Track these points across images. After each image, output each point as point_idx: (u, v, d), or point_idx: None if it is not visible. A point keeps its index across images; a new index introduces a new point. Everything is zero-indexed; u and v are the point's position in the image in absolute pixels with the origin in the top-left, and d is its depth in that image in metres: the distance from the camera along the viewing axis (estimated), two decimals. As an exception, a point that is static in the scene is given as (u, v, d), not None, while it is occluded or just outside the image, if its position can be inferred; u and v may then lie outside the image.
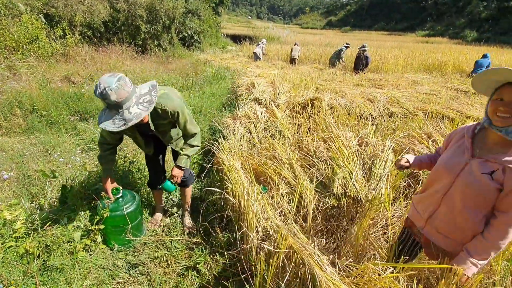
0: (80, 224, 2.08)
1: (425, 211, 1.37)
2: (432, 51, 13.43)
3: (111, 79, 1.47)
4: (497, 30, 34.05)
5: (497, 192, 1.12)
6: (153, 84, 1.67)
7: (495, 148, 1.15)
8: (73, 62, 7.42)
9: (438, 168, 1.32)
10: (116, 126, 1.52)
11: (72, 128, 4.17)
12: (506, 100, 1.08)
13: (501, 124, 1.10)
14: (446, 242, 1.29)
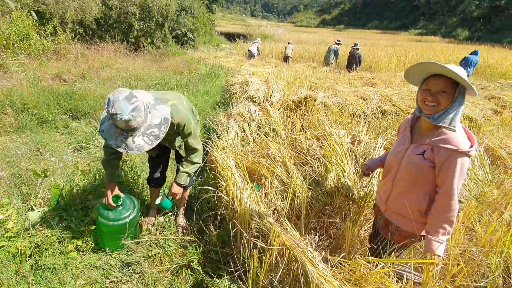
0: (72, 224, 2.06)
1: (383, 195, 1.55)
2: (424, 50, 13.58)
3: (126, 106, 1.37)
4: (488, 29, 34.57)
5: (432, 170, 1.28)
6: (166, 117, 1.56)
7: (427, 133, 1.33)
8: (65, 60, 7.31)
9: (389, 157, 1.52)
10: (116, 144, 1.48)
11: (63, 126, 4.12)
12: (433, 90, 1.23)
13: (429, 112, 1.25)
14: (402, 221, 1.45)
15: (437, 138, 1.25)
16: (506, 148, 3.09)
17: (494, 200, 2.29)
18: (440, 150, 1.24)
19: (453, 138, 1.22)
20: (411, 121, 1.45)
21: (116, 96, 1.40)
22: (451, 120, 1.21)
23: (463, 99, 1.23)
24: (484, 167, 2.71)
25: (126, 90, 1.44)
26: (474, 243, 1.86)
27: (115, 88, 5.41)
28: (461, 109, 1.23)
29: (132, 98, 1.41)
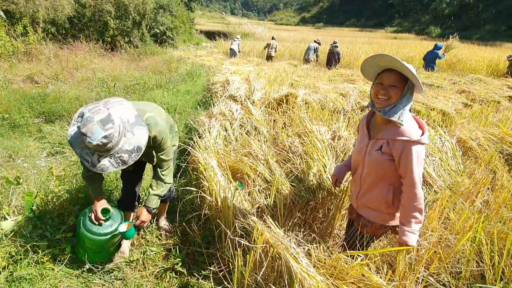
0: (47, 232, 1.97)
1: (354, 192, 1.60)
2: (400, 47, 14.05)
3: (98, 131, 1.26)
4: (459, 26, 36.25)
5: (391, 162, 1.34)
6: (139, 146, 1.43)
7: (381, 127, 1.38)
8: (36, 61, 6.96)
9: (354, 155, 1.58)
10: (80, 154, 1.38)
11: (37, 131, 3.93)
12: (386, 84, 1.29)
13: (380, 105, 1.30)
14: (372, 214, 1.51)
15: (390, 131, 1.32)
16: (476, 140, 3.25)
17: (466, 189, 2.41)
18: (395, 143, 1.30)
19: (405, 129, 1.29)
20: (367, 117, 1.50)
21: (91, 115, 1.27)
22: (400, 115, 1.27)
23: (411, 96, 1.30)
24: (457, 158, 2.84)
25: (104, 110, 1.30)
26: (449, 230, 1.95)
27: (91, 90, 5.21)
28: (408, 105, 1.30)
29: (107, 123, 1.28)
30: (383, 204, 1.44)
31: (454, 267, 1.77)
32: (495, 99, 5.22)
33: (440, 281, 1.69)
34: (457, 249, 1.73)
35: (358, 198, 1.55)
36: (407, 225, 1.33)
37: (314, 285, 1.29)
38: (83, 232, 1.76)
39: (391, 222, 1.49)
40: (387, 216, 1.47)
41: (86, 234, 1.76)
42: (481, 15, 35.82)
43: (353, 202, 1.62)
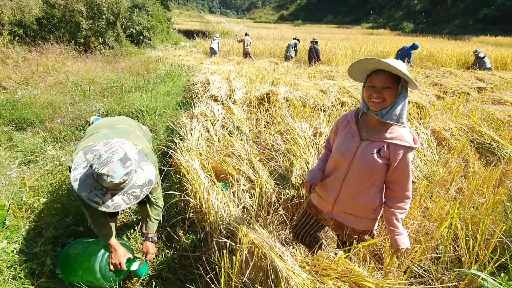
0: (23, 246, 1.87)
1: (329, 197, 1.48)
2: (376, 42, 14.44)
3: (120, 169, 1.30)
4: (430, 22, 37.73)
5: (386, 166, 1.30)
6: (150, 179, 1.47)
7: (377, 129, 1.31)
8: (3, 65, 6.56)
9: (334, 157, 1.44)
10: (88, 197, 1.33)
11: (6, 139, 3.71)
12: (377, 86, 1.23)
13: (376, 108, 1.25)
14: (356, 221, 1.44)
15: (392, 135, 1.26)
16: (449, 130, 3.41)
17: (441, 178, 2.52)
18: (396, 148, 1.25)
19: (405, 135, 1.26)
20: (355, 116, 1.40)
21: (110, 155, 1.31)
22: (398, 116, 1.23)
23: (406, 93, 1.24)
24: (432, 148, 2.97)
25: (120, 150, 1.35)
26: (427, 218, 2.03)
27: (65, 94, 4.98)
28: (406, 104, 1.24)
29: (127, 161, 1.34)
30: (369, 210, 1.38)
31: (433, 252, 1.85)
32: (465, 91, 5.50)
33: (421, 267, 1.76)
34: (437, 236, 1.80)
35: (337, 203, 1.45)
36: (398, 229, 1.33)
37: (300, 283, 1.30)
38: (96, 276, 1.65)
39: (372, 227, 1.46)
40: (368, 222, 1.43)
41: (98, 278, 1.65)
42: (450, 11, 37.51)
43: (325, 206, 1.52)
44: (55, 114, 4.35)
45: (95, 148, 1.42)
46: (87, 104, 4.74)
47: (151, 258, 1.80)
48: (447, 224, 1.77)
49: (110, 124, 1.77)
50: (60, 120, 4.20)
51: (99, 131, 1.67)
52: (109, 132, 1.66)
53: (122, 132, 1.70)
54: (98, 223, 1.62)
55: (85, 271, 1.67)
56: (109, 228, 1.67)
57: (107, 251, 1.70)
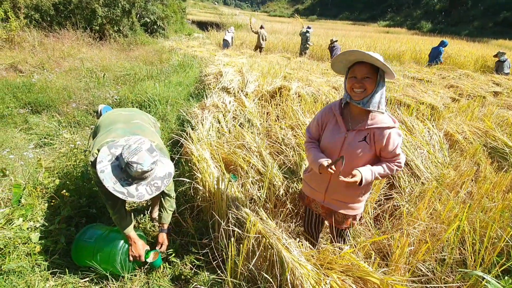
0: (38, 224, 1.95)
1: (319, 186, 1.57)
2: (392, 41, 14.14)
3: (148, 158, 1.41)
4: (449, 22, 36.66)
5: (373, 152, 1.40)
6: (170, 172, 1.58)
7: (360, 118, 1.41)
8: (20, 48, 6.70)
9: (324, 146, 1.52)
10: (113, 188, 1.41)
11: (22, 121, 3.82)
12: (359, 77, 1.32)
13: (358, 98, 1.34)
14: (346, 207, 1.54)
15: (373, 121, 1.37)
16: (463, 133, 3.35)
17: (452, 181, 2.50)
18: (380, 131, 1.36)
19: (384, 118, 1.38)
20: (339, 108, 1.47)
21: (139, 146, 1.43)
22: (379, 104, 1.33)
23: (384, 83, 1.35)
24: (443, 151, 2.93)
25: (146, 140, 1.47)
26: (434, 220, 2.03)
27: (80, 80, 5.08)
28: (384, 92, 1.35)
29: (153, 151, 1.46)
30: (357, 194, 1.48)
31: (439, 254, 1.85)
32: (481, 94, 5.37)
33: (426, 267, 1.76)
34: (443, 238, 1.80)
35: (327, 192, 1.54)
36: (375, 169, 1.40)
37: (305, 274, 1.32)
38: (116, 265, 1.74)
39: (359, 210, 1.56)
40: (357, 206, 1.53)
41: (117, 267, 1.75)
42: (470, 11, 36.31)
43: (317, 196, 1.61)
44: (70, 99, 4.44)
45: (119, 144, 1.51)
46: (101, 91, 4.82)
47: (165, 249, 1.88)
48: (455, 226, 1.77)
49: (125, 119, 1.84)
50: (74, 105, 4.29)
51: (116, 127, 1.73)
52: (125, 128, 1.74)
53: (137, 128, 1.77)
54: (120, 215, 1.71)
55: (104, 259, 1.76)
56: (129, 220, 1.76)
57: (127, 243, 1.78)
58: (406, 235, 1.73)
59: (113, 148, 1.50)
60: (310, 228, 1.83)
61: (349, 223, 1.58)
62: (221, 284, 1.60)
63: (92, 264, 1.77)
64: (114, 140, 1.59)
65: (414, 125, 3.17)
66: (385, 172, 1.42)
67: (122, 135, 1.64)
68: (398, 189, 2.45)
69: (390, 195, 2.40)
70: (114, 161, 1.46)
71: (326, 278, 1.30)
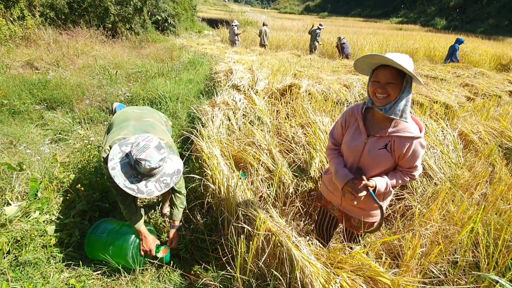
0: (54, 217, 2.00)
1: (337, 190, 1.51)
2: (405, 38, 13.85)
3: (156, 155, 1.44)
4: (463, 19, 35.61)
5: (392, 160, 1.34)
6: (179, 169, 1.62)
7: (382, 124, 1.33)
8: (35, 46, 6.87)
9: (344, 151, 1.46)
10: (124, 185, 1.45)
11: (38, 117, 3.93)
12: (382, 82, 1.23)
13: (380, 103, 1.26)
14: (363, 214, 1.49)
15: (396, 128, 1.29)
16: (477, 133, 3.26)
17: (466, 182, 2.44)
18: (402, 140, 1.28)
19: (409, 126, 1.28)
20: (362, 112, 1.40)
21: (147, 143, 1.45)
22: (402, 112, 1.24)
23: (411, 89, 1.25)
24: (457, 151, 2.86)
25: (154, 138, 1.50)
26: (447, 221, 1.99)
27: (93, 77, 5.17)
28: (409, 99, 1.25)
29: (161, 148, 1.49)
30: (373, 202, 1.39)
31: (451, 256, 1.82)
32: (496, 93, 5.21)
33: (438, 269, 1.74)
34: (456, 240, 1.77)
35: (345, 197, 1.49)
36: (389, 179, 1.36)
37: (314, 272, 1.32)
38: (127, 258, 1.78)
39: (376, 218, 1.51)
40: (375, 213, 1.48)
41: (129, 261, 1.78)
42: (485, 9, 35.13)
43: (334, 200, 1.59)
44: (83, 96, 4.53)
45: (129, 142, 1.55)
46: (113, 88, 4.90)
47: (175, 246, 1.91)
48: (468, 228, 1.73)
49: (137, 117, 1.87)
50: (88, 102, 4.38)
51: (127, 124, 1.77)
52: (137, 125, 1.77)
53: (148, 126, 1.81)
54: (130, 209, 1.75)
55: (116, 253, 1.80)
56: (139, 215, 1.80)
57: (138, 237, 1.82)
58: (418, 236, 1.70)
59: (123, 146, 1.54)
60: (322, 230, 1.80)
61: (366, 230, 1.54)
62: (230, 280, 1.62)
63: (104, 257, 1.81)
64: (125, 137, 1.63)
65: (427, 124, 3.10)
66: (398, 183, 1.37)
67: (133, 132, 1.68)
68: (410, 190, 2.41)
69: (401, 196, 2.37)
70: (124, 158, 1.50)
71: (336, 277, 1.30)
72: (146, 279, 1.81)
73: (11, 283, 1.62)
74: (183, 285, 1.81)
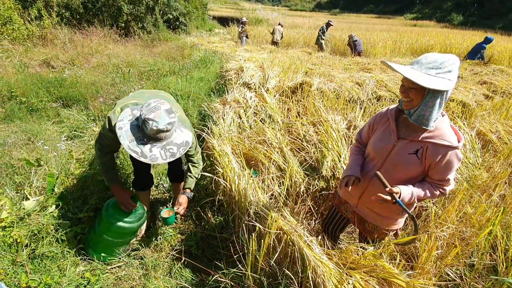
0: (69, 212, 2.06)
1: (354, 191, 1.45)
2: (419, 35, 13.50)
3: (165, 117, 1.42)
4: (481, 14, 34.39)
5: (421, 166, 1.24)
6: (187, 141, 1.59)
7: (416, 127, 1.23)
8: (52, 45, 7.05)
9: (368, 151, 1.40)
10: (128, 146, 1.43)
11: (54, 115, 4.03)
12: (406, 86, 1.17)
13: (406, 107, 1.21)
14: (379, 219, 1.41)
15: (431, 133, 1.20)
16: (496, 133, 3.15)
17: (483, 183, 2.36)
18: (436, 147, 1.19)
19: (446, 134, 1.18)
20: (395, 113, 1.32)
21: (158, 105, 1.44)
22: (424, 118, 1.16)
23: (441, 95, 1.12)
24: (475, 151, 2.77)
25: (167, 103, 1.48)
26: (464, 223, 1.93)
27: (106, 76, 5.25)
28: (436, 105, 1.14)
29: (171, 113, 1.47)
30: (392, 209, 1.33)
31: (468, 259, 1.77)
32: (517, 91, 5.01)
33: (454, 271, 1.69)
34: (474, 243, 1.71)
35: (362, 198, 1.43)
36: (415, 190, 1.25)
37: (327, 272, 1.31)
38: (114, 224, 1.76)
39: (395, 226, 1.44)
40: (392, 221, 1.40)
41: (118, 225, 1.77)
42: (505, 3, 33.75)
43: (350, 200, 1.52)
44: (97, 94, 4.62)
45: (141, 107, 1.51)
46: (126, 86, 4.98)
47: (181, 211, 1.85)
48: (487, 231, 1.67)
49: (152, 93, 1.89)
50: (102, 100, 4.47)
51: (142, 94, 1.79)
52: (152, 96, 1.78)
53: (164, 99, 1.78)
54: (105, 165, 1.73)
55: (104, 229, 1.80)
56: (115, 173, 1.80)
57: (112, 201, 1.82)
58: (434, 238, 1.65)
59: (135, 110, 1.54)
60: (328, 229, 1.77)
61: (380, 236, 1.47)
62: (241, 277, 1.62)
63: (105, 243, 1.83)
64: (138, 103, 1.63)
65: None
66: (426, 196, 1.25)
67: (147, 99, 1.63)
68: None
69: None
70: (134, 120, 1.50)
71: (349, 278, 1.28)
72: (158, 275, 1.84)
73: (29, 275, 1.68)
74: (194, 281, 1.83)
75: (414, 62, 1.16)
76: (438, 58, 1.12)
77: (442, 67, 1.10)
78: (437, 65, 1.11)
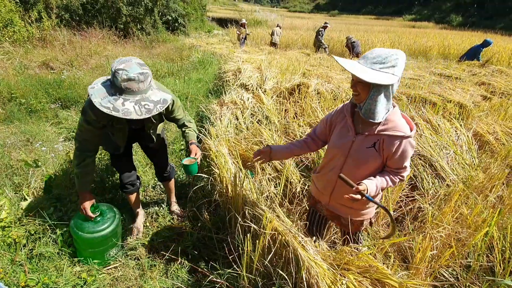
0: (65, 216, 2.06)
1: (325, 188, 1.49)
2: (418, 36, 13.54)
3: (136, 67, 1.37)
4: (482, 15, 34.47)
5: (380, 159, 1.29)
6: (165, 98, 1.51)
7: (370, 122, 1.24)
8: (51, 47, 7.08)
9: (330, 149, 1.43)
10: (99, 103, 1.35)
11: (53, 116, 4.04)
12: (354, 80, 1.20)
13: (356, 101, 1.25)
14: (351, 212, 1.45)
15: (385, 126, 1.23)
16: (494, 134, 3.16)
17: (480, 184, 2.36)
18: (391, 138, 1.23)
19: (398, 125, 1.22)
20: (351, 108, 1.34)
21: (130, 58, 1.41)
22: (371, 112, 1.19)
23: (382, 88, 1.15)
24: (472, 152, 2.78)
25: (141, 61, 1.45)
26: (460, 224, 1.93)
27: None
28: (382, 99, 1.16)
29: (143, 66, 1.42)
30: (361, 202, 1.33)
31: (464, 260, 1.77)
32: (516, 92, 5.02)
33: (450, 272, 1.69)
34: (470, 243, 1.72)
35: (333, 195, 1.47)
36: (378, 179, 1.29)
37: (320, 273, 1.31)
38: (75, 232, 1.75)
39: (368, 215, 1.48)
40: (364, 212, 1.45)
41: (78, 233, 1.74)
42: (507, 3, 33.83)
43: (322, 198, 1.55)
44: (96, 95, 4.63)
45: None
46: (124, 87, 4.99)
47: (199, 156, 1.79)
48: (483, 232, 1.68)
49: None
50: (100, 101, 4.48)
51: None
52: None
53: None
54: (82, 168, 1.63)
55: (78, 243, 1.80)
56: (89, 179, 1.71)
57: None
58: (429, 238, 1.66)
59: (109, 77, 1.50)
60: (313, 230, 1.77)
61: (356, 228, 1.51)
62: (236, 278, 1.62)
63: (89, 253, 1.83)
64: None
65: (440, 124, 3.02)
66: (387, 185, 1.30)
67: None
68: (421, 191, 2.35)
69: (412, 197, 2.32)
70: (107, 81, 1.46)
71: (343, 279, 1.28)
72: (154, 275, 1.84)
73: (28, 274, 1.68)
74: (190, 281, 1.83)
75: (361, 57, 1.20)
76: (383, 53, 1.14)
77: (386, 61, 1.13)
78: (381, 60, 1.13)
